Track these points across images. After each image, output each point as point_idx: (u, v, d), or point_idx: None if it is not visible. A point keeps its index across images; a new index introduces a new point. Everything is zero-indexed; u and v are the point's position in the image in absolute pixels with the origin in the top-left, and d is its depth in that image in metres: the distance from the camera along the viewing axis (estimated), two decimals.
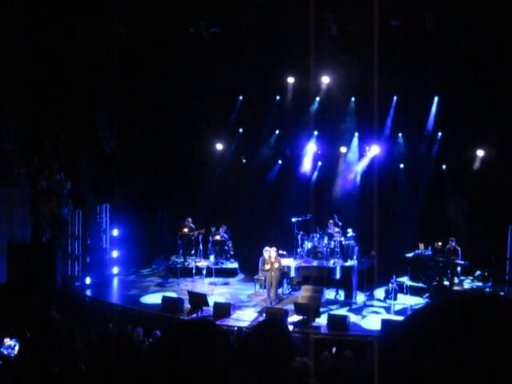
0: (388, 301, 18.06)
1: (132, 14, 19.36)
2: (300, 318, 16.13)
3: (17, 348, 9.11)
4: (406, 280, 19.02)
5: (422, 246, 19.83)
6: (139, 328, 13.71)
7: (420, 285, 19.15)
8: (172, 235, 23.28)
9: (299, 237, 20.77)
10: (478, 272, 19.81)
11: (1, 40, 18.21)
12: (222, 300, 17.89)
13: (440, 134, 21.76)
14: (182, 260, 21.85)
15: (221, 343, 2.02)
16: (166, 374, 1.90)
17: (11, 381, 7.18)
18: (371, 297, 18.93)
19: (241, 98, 23.40)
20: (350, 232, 20.78)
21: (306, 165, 23.62)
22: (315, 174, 23.66)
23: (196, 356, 1.91)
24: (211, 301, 17.13)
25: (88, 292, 19.98)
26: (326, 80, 21.96)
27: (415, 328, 1.10)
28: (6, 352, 8.89)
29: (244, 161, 24.48)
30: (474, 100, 18.92)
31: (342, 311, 17.43)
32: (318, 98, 22.59)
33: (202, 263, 21.05)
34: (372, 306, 18.23)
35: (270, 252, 18.11)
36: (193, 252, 22.36)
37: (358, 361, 11.89)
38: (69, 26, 18.79)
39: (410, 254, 19.92)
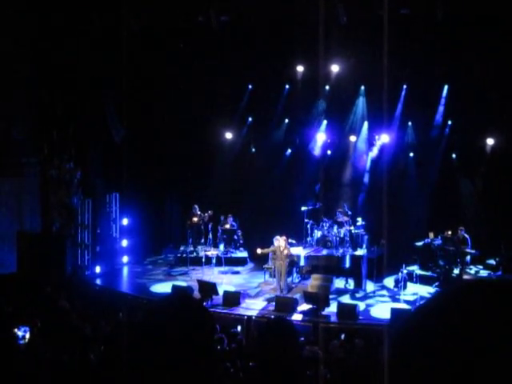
0: (397, 290, 18.04)
1: (141, 2, 19.35)
2: (309, 306, 16.14)
3: (28, 336, 9.18)
4: (415, 269, 18.99)
5: (431, 234, 19.80)
6: None
7: (430, 274, 19.12)
8: (181, 224, 23.31)
9: (309, 226, 20.74)
10: (488, 261, 19.78)
11: (10, 29, 18.22)
12: (231, 289, 17.91)
13: (450, 122, 21.71)
14: (192, 249, 21.88)
15: (197, 314, 2.00)
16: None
17: (22, 368, 7.23)
18: (380, 286, 18.94)
19: (250, 86, 23.37)
20: (359, 221, 20.76)
21: (316, 153, 23.56)
22: (324, 162, 23.57)
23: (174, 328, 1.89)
24: (221, 290, 17.16)
25: (98, 281, 20.03)
26: (335, 69, 21.91)
27: (427, 317, 1.09)
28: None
29: (253, 149, 24.45)
30: (484, 88, 18.83)
31: (352, 300, 17.44)
32: (327, 87, 22.52)
33: (212, 252, 21.05)
34: (381, 295, 18.24)
35: (279, 241, 18.07)
36: (202, 241, 22.38)
37: (367, 350, 11.91)
38: (78, 14, 18.79)
39: (420, 243, 19.90)
